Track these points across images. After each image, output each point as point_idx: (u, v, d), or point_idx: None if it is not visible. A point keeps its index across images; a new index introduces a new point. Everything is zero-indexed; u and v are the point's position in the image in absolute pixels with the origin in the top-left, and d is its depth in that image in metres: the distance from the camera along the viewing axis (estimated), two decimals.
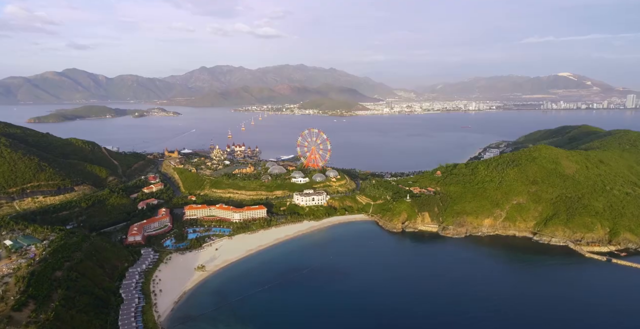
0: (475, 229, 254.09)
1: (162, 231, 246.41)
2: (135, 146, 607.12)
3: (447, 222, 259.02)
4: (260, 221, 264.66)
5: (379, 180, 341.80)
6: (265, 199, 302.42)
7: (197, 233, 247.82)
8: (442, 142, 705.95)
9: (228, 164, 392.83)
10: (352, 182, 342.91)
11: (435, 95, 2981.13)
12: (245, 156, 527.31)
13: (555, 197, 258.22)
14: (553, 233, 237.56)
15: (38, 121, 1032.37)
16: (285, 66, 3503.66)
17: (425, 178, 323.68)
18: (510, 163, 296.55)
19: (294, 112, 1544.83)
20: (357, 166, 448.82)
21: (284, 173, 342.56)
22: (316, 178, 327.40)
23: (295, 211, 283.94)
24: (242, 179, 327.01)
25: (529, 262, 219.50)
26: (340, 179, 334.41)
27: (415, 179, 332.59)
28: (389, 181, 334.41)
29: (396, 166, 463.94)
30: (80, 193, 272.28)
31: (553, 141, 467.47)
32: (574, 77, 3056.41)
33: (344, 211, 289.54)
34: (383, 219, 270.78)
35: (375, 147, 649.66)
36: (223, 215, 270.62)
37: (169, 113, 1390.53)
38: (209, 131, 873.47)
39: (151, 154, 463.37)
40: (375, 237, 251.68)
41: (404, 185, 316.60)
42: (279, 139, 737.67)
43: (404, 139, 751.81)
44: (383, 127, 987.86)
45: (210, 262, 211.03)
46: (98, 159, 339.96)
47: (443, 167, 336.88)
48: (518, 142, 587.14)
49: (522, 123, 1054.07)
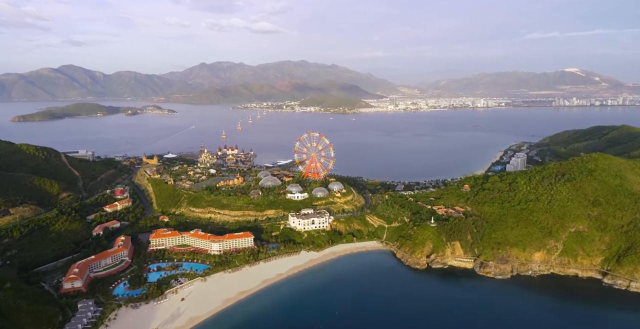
0: (523, 266, 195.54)
1: (116, 270, 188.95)
2: (118, 148, 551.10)
3: (485, 256, 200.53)
4: (245, 252, 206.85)
5: (393, 195, 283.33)
6: (253, 221, 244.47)
7: (161, 272, 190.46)
8: (454, 143, 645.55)
9: (213, 173, 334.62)
10: (360, 198, 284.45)
11: (440, 91, 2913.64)
12: (237, 160, 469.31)
13: (627, 223, 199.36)
14: (632, 275, 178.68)
15: (23, 119, 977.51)
16: (286, 62, 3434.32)
17: (450, 193, 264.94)
18: (560, 177, 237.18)
19: (295, 110, 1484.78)
20: (364, 174, 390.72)
21: (277, 186, 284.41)
22: (317, 193, 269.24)
23: (291, 238, 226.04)
24: (227, 194, 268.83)
25: (602, 319, 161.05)
26: (346, 194, 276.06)
27: (438, 194, 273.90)
28: (405, 196, 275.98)
29: (409, 173, 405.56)
30: (17, 217, 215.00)
31: (589, 145, 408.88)
32: (582, 72, 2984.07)
33: (352, 236, 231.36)
34: (402, 250, 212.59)
35: (382, 149, 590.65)
36: (198, 245, 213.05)
37: (164, 111, 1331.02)
38: (203, 131, 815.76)
39: (128, 160, 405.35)
40: (393, 278, 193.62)
41: (424, 202, 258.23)
42: (277, 139, 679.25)
43: (412, 139, 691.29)
44: (388, 126, 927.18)
45: (171, 322, 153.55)
46: (53, 169, 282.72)
47: (471, 179, 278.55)
48: (543, 144, 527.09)
49: (537, 121, 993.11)
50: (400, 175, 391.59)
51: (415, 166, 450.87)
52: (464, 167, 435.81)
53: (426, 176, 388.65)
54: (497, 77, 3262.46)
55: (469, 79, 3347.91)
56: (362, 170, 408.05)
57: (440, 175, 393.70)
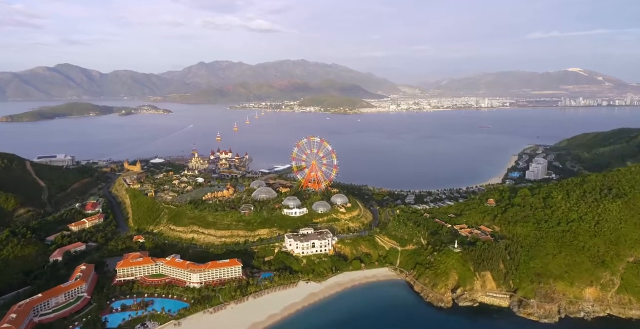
0: (572, 305, 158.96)
1: (69, 311, 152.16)
2: (105, 151, 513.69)
3: (523, 291, 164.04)
4: (231, 285, 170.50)
5: (405, 209, 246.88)
6: (243, 243, 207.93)
7: (126, 314, 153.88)
8: (463, 146, 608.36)
9: (201, 182, 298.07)
10: (368, 212, 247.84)
11: (441, 91, 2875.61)
12: (231, 165, 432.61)
13: None
14: None
15: (11, 119, 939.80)
16: (286, 62, 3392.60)
17: (472, 209, 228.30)
18: (607, 192, 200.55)
19: (294, 110, 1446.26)
20: (369, 181, 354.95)
21: (273, 198, 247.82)
22: (317, 208, 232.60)
23: (287, 264, 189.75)
24: (214, 209, 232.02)
25: None
26: (352, 209, 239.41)
27: (458, 209, 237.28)
28: (419, 212, 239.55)
29: (418, 180, 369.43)
30: None
31: (615, 150, 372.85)
32: (585, 72, 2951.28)
33: (359, 262, 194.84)
34: (421, 282, 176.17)
35: (387, 153, 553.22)
36: (175, 275, 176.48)
37: (159, 111, 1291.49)
38: (197, 132, 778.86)
39: (109, 166, 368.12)
40: (412, 319, 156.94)
41: (442, 218, 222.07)
42: (275, 141, 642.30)
43: (419, 142, 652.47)
44: (392, 127, 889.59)
45: None
46: (14, 180, 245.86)
47: (495, 191, 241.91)
48: (560, 148, 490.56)
49: (545, 122, 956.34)
50: (409, 183, 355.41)
51: (425, 172, 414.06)
52: (477, 174, 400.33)
53: (438, 184, 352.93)
54: (498, 76, 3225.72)
55: (470, 79, 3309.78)
56: (366, 177, 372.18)
57: (453, 183, 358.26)
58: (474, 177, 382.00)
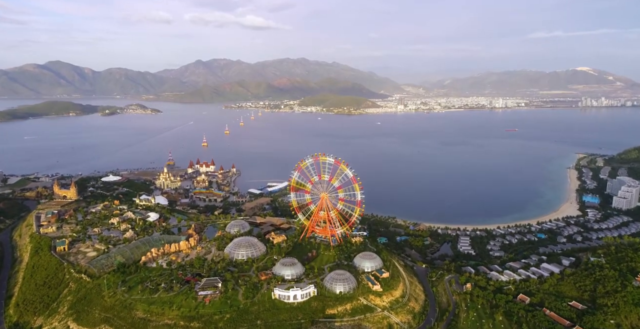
0: None
1: None
2: (56, 163, 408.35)
3: None
4: None
5: (478, 280, 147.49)
6: None
7: None
8: (497, 154, 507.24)
9: (153, 220, 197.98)
10: (417, 289, 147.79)
11: (445, 91, 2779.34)
12: (212, 183, 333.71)
13: None
14: None
15: None
16: (286, 60, 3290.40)
17: (612, 293, 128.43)
18: None
19: (294, 110, 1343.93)
20: (394, 209, 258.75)
21: (257, 258, 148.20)
22: (333, 285, 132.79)
23: None
24: (154, 286, 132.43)
25: None
26: (392, 284, 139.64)
27: (577, 285, 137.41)
28: (507, 288, 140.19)
29: (462, 208, 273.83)
30: None
31: None
32: (594, 71, 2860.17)
33: None
34: None
35: (408, 164, 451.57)
36: None
37: (147, 111, 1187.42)
38: (180, 136, 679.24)
39: (38, 187, 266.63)
40: None
41: (559, 310, 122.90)
42: (273, 147, 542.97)
43: (443, 150, 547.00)
44: (404, 130, 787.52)
45: None
46: None
47: (629, 250, 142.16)
48: (627, 160, 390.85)
49: (577, 125, 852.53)
50: (451, 212, 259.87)
51: (467, 195, 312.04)
52: (538, 198, 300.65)
53: (491, 213, 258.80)
54: (504, 76, 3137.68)
55: (474, 78, 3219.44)
56: (389, 202, 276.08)
57: (511, 212, 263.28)
58: (538, 204, 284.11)
